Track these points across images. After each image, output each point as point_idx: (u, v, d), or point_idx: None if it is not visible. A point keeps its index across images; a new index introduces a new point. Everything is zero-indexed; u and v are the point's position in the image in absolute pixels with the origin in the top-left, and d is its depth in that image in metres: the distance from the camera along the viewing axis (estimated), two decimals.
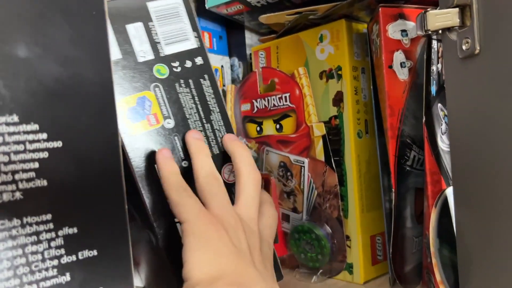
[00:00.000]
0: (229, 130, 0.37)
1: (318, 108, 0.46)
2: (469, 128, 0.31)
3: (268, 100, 0.50)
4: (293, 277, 0.47)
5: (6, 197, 0.23)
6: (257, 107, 0.51)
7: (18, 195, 0.23)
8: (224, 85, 0.57)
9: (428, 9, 0.32)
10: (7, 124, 0.23)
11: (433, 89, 0.36)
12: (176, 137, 0.34)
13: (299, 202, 0.48)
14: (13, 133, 0.23)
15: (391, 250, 0.36)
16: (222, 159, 0.36)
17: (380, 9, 0.37)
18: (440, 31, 0.32)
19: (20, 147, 0.23)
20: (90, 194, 0.25)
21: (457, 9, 0.31)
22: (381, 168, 0.42)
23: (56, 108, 0.24)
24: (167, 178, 0.30)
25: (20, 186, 0.23)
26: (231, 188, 0.35)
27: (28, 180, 0.23)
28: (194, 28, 0.37)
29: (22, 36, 0.24)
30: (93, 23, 0.25)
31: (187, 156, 0.34)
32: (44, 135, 0.24)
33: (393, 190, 0.36)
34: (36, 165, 0.24)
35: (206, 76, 0.37)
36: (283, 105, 0.48)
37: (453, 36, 0.31)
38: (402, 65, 0.37)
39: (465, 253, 0.32)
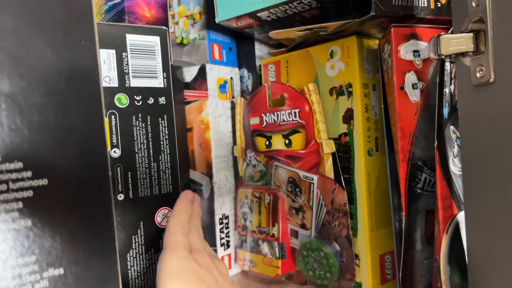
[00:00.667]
0: (174, 172, 0.38)
1: (327, 124, 0.45)
2: (481, 155, 0.30)
3: (277, 114, 0.49)
4: None
5: None
6: (266, 121, 0.51)
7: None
8: (233, 97, 0.56)
9: (442, 34, 0.31)
10: None
11: (446, 111, 0.35)
12: (118, 168, 0.35)
13: (308, 219, 0.48)
14: None
15: (401, 273, 0.35)
16: (159, 201, 0.37)
17: (392, 29, 0.36)
18: (453, 56, 0.32)
19: (3, 187, 0.22)
20: (77, 234, 0.24)
21: (471, 34, 0.30)
22: (391, 187, 0.41)
23: (41, 143, 0.23)
24: (178, 212, 0.32)
25: (2, 227, 0.22)
26: (161, 233, 0.36)
27: (12, 220, 0.22)
28: (165, 68, 0.38)
29: (4, 69, 0.23)
30: (82, 53, 0.25)
31: (124, 189, 0.35)
32: (29, 173, 0.23)
33: (403, 213, 0.36)
34: (20, 205, 0.23)
35: (165, 116, 0.39)
36: (293, 120, 0.48)
37: (466, 62, 0.30)
38: (414, 86, 0.36)
39: (476, 280, 0.31)
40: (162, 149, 0.38)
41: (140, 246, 0.38)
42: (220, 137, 0.54)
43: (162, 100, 0.38)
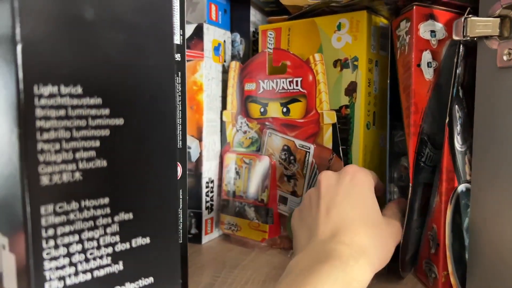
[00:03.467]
0: (184, 131, 0.39)
1: (328, 96, 0.46)
2: (496, 134, 0.32)
3: (276, 82, 0.49)
4: (287, 257, 0.48)
5: (66, 177, 0.21)
6: (263, 87, 0.50)
7: (78, 175, 0.22)
8: (225, 61, 0.55)
9: (470, 16, 0.33)
10: (71, 96, 0.21)
11: (454, 91, 0.37)
12: None
13: (300, 186, 0.49)
14: (76, 107, 0.21)
15: (402, 241, 0.38)
16: None
17: (414, 7, 0.37)
18: (475, 38, 0.33)
19: (83, 123, 0.21)
20: (146, 179, 0.24)
21: (498, 19, 0.32)
22: (389, 160, 0.44)
23: (119, 81, 0.22)
24: None
25: (80, 166, 0.22)
26: None
27: (89, 159, 0.22)
28: (182, 25, 0.37)
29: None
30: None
31: None
32: (107, 111, 0.22)
33: (410, 184, 0.38)
34: (97, 143, 0.22)
35: (179, 73, 0.38)
36: (294, 89, 0.48)
37: (492, 45, 0.32)
38: (428, 65, 0.38)
39: (476, 248, 0.34)
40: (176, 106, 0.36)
41: None
42: (212, 100, 0.53)
43: (177, 57, 0.37)
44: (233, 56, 0.57)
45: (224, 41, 0.55)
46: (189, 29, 0.51)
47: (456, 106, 0.38)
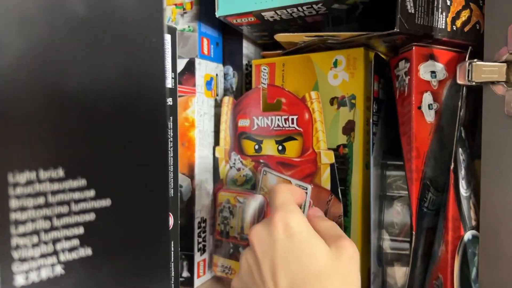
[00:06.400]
0: (175, 177, 0.37)
1: (325, 134, 0.45)
2: (504, 183, 0.31)
3: (271, 119, 0.47)
4: None
5: (45, 273, 0.18)
6: (257, 124, 0.49)
7: (59, 269, 0.19)
8: (217, 94, 0.54)
9: (474, 60, 0.32)
10: (51, 180, 0.18)
11: (457, 134, 0.36)
12: None
13: None
14: (57, 192, 0.18)
15: None
16: None
17: (414, 47, 0.36)
18: (480, 83, 0.32)
19: (65, 209, 0.19)
20: (138, 266, 0.21)
21: (505, 65, 0.31)
22: (373, 202, 0.42)
23: (106, 157, 0.20)
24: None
25: (62, 258, 0.19)
26: None
27: (71, 249, 0.19)
28: (174, 68, 0.35)
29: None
30: (150, 51, 0.22)
31: None
32: (92, 193, 0.20)
33: (413, 232, 0.36)
34: (81, 230, 0.19)
35: (171, 118, 0.36)
36: (289, 127, 0.46)
37: (499, 91, 0.31)
38: (429, 107, 0.36)
39: (487, 242, 0.32)
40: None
41: None
42: (204, 136, 0.51)
43: (169, 101, 0.35)
44: (225, 90, 0.56)
45: (217, 74, 0.54)
46: (180, 64, 0.50)
47: (460, 149, 0.37)
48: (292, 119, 0.46)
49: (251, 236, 0.33)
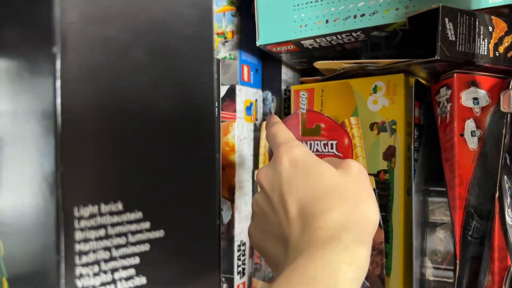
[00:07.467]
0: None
1: (366, 160, 0.45)
2: None
3: (310, 144, 0.48)
4: None
5: None
6: None
7: None
8: (257, 119, 0.55)
9: None
10: (111, 213, 0.20)
11: (503, 162, 0.35)
12: None
13: None
14: (116, 224, 0.20)
15: None
16: None
17: (455, 75, 0.36)
18: None
19: (122, 240, 0.20)
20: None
21: None
22: (415, 229, 0.41)
23: (161, 191, 0.21)
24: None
25: (119, 287, 0.20)
26: None
27: (128, 278, 0.20)
28: (218, 98, 0.36)
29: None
30: (201, 90, 0.23)
31: None
32: (147, 224, 0.21)
33: (457, 262, 0.35)
34: (137, 260, 0.21)
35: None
36: (328, 152, 0.47)
37: None
38: (472, 134, 0.36)
39: None
40: None
41: None
42: (243, 161, 0.53)
43: None
44: (264, 114, 0.57)
45: (256, 100, 0.55)
46: (222, 91, 0.51)
47: (505, 176, 0.36)
48: (332, 144, 0.46)
49: (258, 178, 0.33)
